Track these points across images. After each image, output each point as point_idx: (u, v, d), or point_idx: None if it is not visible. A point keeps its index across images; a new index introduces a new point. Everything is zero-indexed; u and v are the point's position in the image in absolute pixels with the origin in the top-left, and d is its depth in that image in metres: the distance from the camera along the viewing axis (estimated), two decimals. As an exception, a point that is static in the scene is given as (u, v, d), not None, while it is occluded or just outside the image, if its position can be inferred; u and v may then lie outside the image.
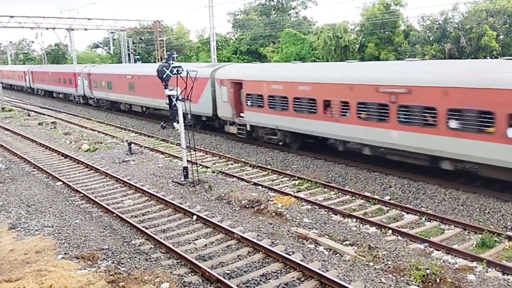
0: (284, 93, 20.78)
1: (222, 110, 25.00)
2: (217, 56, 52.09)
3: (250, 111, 23.02)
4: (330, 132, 19.21)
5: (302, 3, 76.64)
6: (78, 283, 10.05)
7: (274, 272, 10.74)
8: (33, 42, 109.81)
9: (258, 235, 12.91)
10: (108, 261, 11.38)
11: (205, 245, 12.47)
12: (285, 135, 21.82)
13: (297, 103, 20.15)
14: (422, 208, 14.77)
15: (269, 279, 10.45)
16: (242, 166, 20.93)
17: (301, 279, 10.40)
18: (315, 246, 12.20)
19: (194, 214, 14.52)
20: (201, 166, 20.45)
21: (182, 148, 18.76)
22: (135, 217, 14.81)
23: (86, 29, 59.64)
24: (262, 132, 23.13)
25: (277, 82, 21.20)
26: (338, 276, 10.37)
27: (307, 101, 19.61)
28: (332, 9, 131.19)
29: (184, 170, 18.55)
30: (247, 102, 23.03)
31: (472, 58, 40.13)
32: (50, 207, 15.76)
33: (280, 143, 22.50)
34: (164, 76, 17.98)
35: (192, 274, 10.76)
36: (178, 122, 18.52)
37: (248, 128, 23.68)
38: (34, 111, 43.47)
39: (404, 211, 14.57)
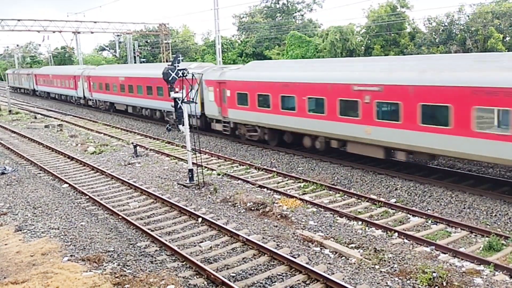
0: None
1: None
2: (222, 59, 52.17)
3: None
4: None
5: (307, 6, 76.65)
6: (84, 285, 10.08)
7: (279, 275, 10.72)
8: (39, 45, 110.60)
9: (263, 238, 12.88)
10: (114, 263, 11.40)
11: (210, 247, 12.47)
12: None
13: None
14: (428, 211, 14.69)
15: (274, 282, 10.43)
16: (247, 168, 20.93)
17: (307, 282, 10.36)
18: (321, 249, 12.17)
19: (199, 216, 14.52)
20: (206, 169, 20.47)
21: (188, 150, 18.78)
22: (141, 219, 14.84)
23: (92, 32, 59.91)
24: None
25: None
26: (343, 279, 10.32)
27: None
28: (337, 11, 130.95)
29: (190, 173, 18.57)
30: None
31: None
32: (56, 209, 15.82)
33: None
34: (170, 79, 18.01)
35: (197, 276, 10.76)
36: (183, 125, 18.55)
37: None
38: (41, 114, 43.71)
39: (410, 214, 14.50)
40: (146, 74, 33.97)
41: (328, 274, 10.45)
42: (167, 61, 56.54)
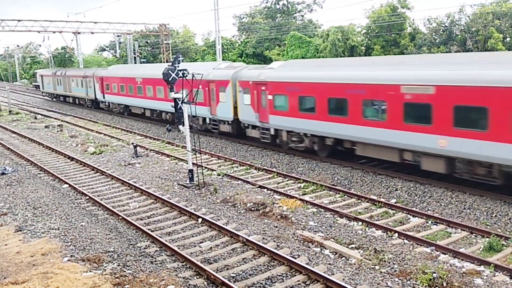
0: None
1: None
2: (222, 59, 52.19)
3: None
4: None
5: (307, 6, 76.65)
6: (84, 286, 10.08)
7: (279, 276, 10.72)
8: (40, 45, 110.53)
9: (263, 238, 12.88)
10: (114, 263, 11.39)
11: (210, 248, 12.47)
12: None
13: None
14: (429, 211, 14.69)
15: (274, 282, 10.42)
16: (248, 169, 20.92)
17: (307, 283, 10.36)
18: (321, 249, 12.16)
19: (200, 216, 14.52)
20: (206, 169, 20.46)
21: (188, 151, 18.78)
22: (141, 219, 14.84)
23: (92, 33, 59.90)
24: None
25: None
26: (344, 279, 10.32)
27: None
28: (337, 12, 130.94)
29: (190, 173, 18.57)
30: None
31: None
32: (56, 210, 15.82)
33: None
34: (170, 79, 18.01)
35: (197, 277, 10.75)
36: (183, 125, 18.55)
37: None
38: (41, 114, 43.71)
39: (410, 214, 14.50)
40: (402, 77, 16.29)
41: (328, 274, 10.45)
42: (166, 61, 56.67)
